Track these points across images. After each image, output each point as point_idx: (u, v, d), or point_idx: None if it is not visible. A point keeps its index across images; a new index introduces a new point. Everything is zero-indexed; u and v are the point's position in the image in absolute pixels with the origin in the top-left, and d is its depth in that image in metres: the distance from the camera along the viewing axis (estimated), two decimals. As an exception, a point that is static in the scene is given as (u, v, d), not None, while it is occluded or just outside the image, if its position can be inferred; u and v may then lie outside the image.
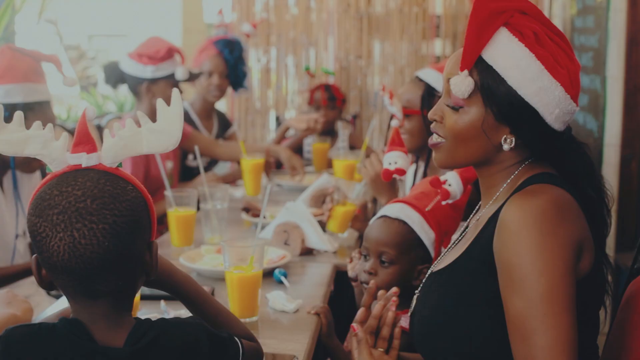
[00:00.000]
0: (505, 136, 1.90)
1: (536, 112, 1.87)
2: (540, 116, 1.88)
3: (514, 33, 1.87)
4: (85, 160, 1.60)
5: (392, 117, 3.48)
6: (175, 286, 1.88)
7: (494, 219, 1.86)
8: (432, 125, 2.00)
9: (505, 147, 1.90)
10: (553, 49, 1.89)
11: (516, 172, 1.95)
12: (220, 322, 1.87)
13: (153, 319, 1.67)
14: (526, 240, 1.73)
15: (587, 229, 1.83)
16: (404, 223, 2.60)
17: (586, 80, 5.17)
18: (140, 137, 1.63)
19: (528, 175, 1.91)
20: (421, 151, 3.46)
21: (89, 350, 1.56)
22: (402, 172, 2.95)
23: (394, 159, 2.96)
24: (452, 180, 2.57)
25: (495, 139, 1.91)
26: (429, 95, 3.34)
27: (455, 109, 1.92)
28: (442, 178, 2.58)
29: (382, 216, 2.66)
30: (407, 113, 3.32)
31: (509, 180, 1.95)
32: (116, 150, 1.62)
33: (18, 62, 3.28)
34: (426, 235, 2.58)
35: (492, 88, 1.87)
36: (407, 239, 2.58)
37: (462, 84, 1.88)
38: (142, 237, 1.62)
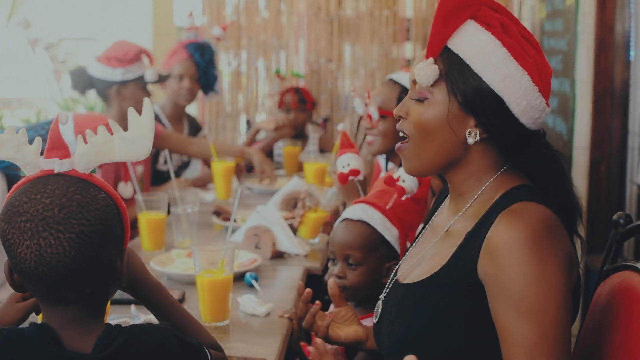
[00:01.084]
0: (469, 129, 1.86)
1: (502, 101, 1.84)
2: (507, 107, 1.84)
3: (481, 24, 1.86)
4: (58, 165, 1.59)
5: (360, 119, 3.48)
6: (144, 292, 1.86)
7: (475, 235, 1.82)
8: (398, 124, 1.96)
9: (470, 140, 1.86)
10: (520, 39, 1.87)
11: (488, 183, 1.91)
12: (187, 331, 1.86)
13: (124, 325, 1.67)
14: (525, 267, 1.70)
15: (571, 244, 1.83)
16: (366, 224, 2.61)
17: (555, 84, 5.20)
18: (113, 145, 1.63)
19: (506, 189, 1.87)
20: (393, 153, 3.45)
21: (57, 356, 1.56)
22: (356, 172, 2.95)
23: (347, 161, 2.96)
24: (405, 176, 2.58)
25: (460, 132, 1.86)
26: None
27: (421, 100, 1.89)
28: (395, 175, 2.57)
29: (344, 219, 2.67)
30: (382, 114, 3.31)
31: (480, 192, 1.92)
32: (89, 156, 1.62)
33: None
34: (389, 233, 2.58)
35: (456, 75, 1.85)
36: (371, 240, 2.59)
37: (427, 70, 1.85)
38: (112, 245, 1.61)
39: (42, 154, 1.62)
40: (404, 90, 3.30)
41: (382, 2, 6.74)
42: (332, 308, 2.43)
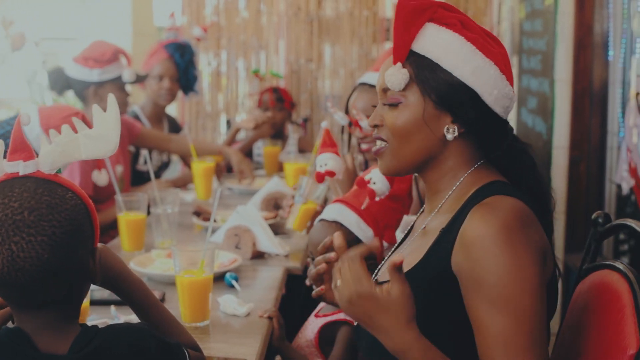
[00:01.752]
0: (447, 126, 1.88)
1: (475, 93, 1.86)
2: (480, 98, 1.87)
3: (440, 24, 1.89)
4: (22, 168, 1.58)
5: (343, 128, 3.45)
6: (126, 290, 1.86)
7: (449, 231, 1.83)
8: (374, 133, 1.97)
9: (449, 136, 1.87)
10: (481, 32, 1.91)
11: (462, 178, 1.92)
12: (167, 330, 1.86)
13: (101, 326, 1.66)
14: (499, 259, 1.71)
15: (545, 236, 1.83)
16: (341, 225, 2.61)
17: (535, 83, 5.22)
18: (78, 143, 1.62)
19: (480, 184, 1.89)
20: None
21: (32, 358, 1.55)
22: (332, 174, 2.94)
23: (325, 161, 2.95)
24: (376, 178, 2.58)
25: (438, 130, 1.88)
26: None
27: (394, 105, 1.90)
28: (366, 177, 2.57)
29: (320, 220, 2.68)
30: None
31: (454, 188, 1.93)
32: (54, 156, 1.60)
33: None
34: (363, 233, 2.59)
35: (427, 75, 1.87)
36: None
37: (397, 75, 1.87)
38: (83, 245, 1.60)
39: (5, 156, 1.61)
40: None
41: (361, 2, 6.75)
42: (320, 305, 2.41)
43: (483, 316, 1.72)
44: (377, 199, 2.56)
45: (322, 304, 2.75)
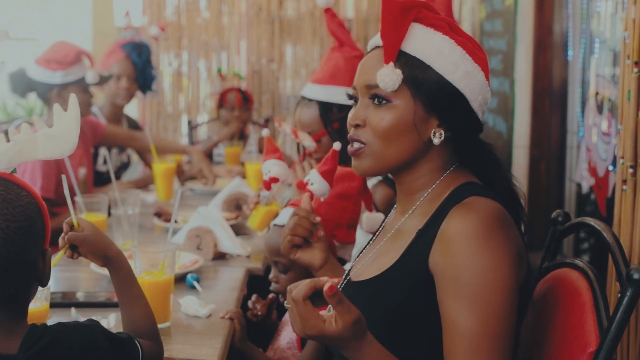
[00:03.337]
0: (434, 130, 1.86)
1: (465, 99, 1.86)
2: (468, 103, 1.87)
3: (427, 26, 1.88)
4: None
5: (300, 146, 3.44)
6: (117, 269, 1.98)
7: (427, 231, 1.82)
8: (352, 132, 1.93)
9: (436, 141, 1.86)
10: (468, 36, 1.91)
11: (438, 181, 1.92)
12: (136, 321, 1.90)
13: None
14: (475, 257, 1.70)
15: (522, 239, 1.83)
16: None
17: (495, 83, 5.25)
18: (36, 143, 1.61)
19: (455, 185, 1.88)
20: (341, 163, 3.39)
21: None
22: (276, 180, 2.93)
23: (268, 168, 2.94)
24: (314, 179, 2.58)
25: (425, 134, 1.86)
26: (326, 110, 3.27)
27: (381, 103, 1.87)
28: (305, 179, 2.57)
29: (274, 225, 2.67)
30: (317, 138, 3.26)
31: (430, 190, 1.92)
32: (11, 155, 1.59)
33: None
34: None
35: (419, 77, 1.84)
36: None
37: (391, 75, 1.83)
38: (35, 244, 1.60)
39: None
40: (321, 106, 3.26)
41: (323, 2, 6.74)
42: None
43: (452, 312, 1.72)
44: (321, 198, 2.55)
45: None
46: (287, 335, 2.66)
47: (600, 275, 1.96)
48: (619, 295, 1.75)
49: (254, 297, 2.79)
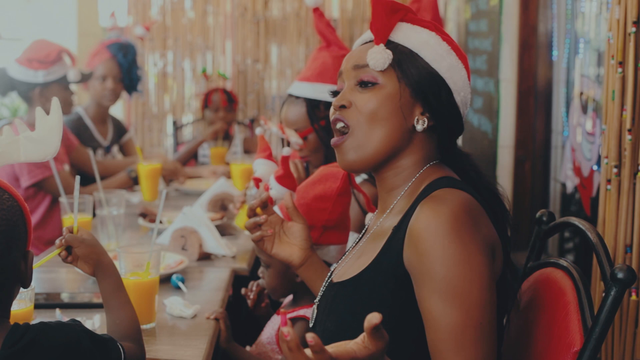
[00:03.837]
0: (417, 117, 1.88)
1: (449, 89, 1.89)
2: (452, 95, 1.90)
3: (415, 24, 1.93)
4: None
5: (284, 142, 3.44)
6: (103, 272, 1.99)
7: (400, 228, 1.82)
8: (338, 113, 1.93)
9: (419, 127, 1.87)
10: (452, 39, 1.95)
11: (417, 175, 1.92)
12: (119, 325, 1.87)
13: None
14: (447, 251, 1.69)
15: (495, 232, 1.82)
16: None
17: (480, 83, 5.26)
18: (18, 146, 1.61)
19: (429, 181, 1.88)
20: (328, 161, 3.40)
21: None
22: (259, 180, 2.94)
23: (256, 167, 2.95)
24: (272, 184, 2.62)
25: (409, 119, 1.88)
26: (313, 108, 3.28)
27: (367, 85, 1.89)
28: (268, 184, 2.60)
29: None
30: (303, 135, 3.27)
31: (407, 187, 1.92)
32: None
33: None
34: None
35: (407, 62, 1.88)
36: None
37: (382, 54, 1.87)
38: (17, 247, 1.61)
39: None
40: (308, 103, 3.27)
41: (308, 2, 6.75)
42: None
43: (433, 308, 1.70)
44: (277, 203, 2.58)
45: (286, 301, 2.76)
46: (268, 331, 2.67)
47: (585, 274, 1.96)
48: (603, 294, 1.75)
49: (252, 283, 2.83)
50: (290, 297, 2.72)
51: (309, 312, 2.55)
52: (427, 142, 1.93)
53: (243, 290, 2.82)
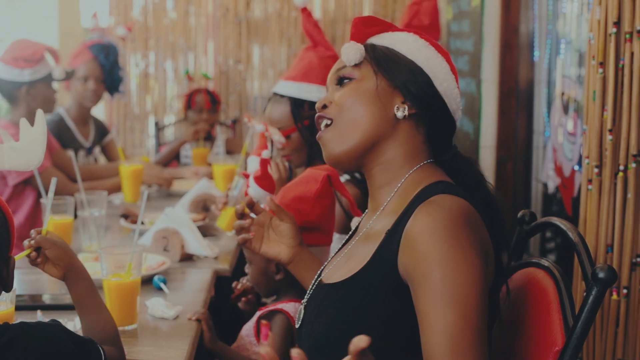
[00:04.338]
0: (397, 105, 1.89)
1: (428, 77, 1.91)
2: (432, 83, 1.91)
3: (394, 31, 2.00)
4: None
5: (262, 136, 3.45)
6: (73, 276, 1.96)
7: (395, 231, 1.81)
8: (320, 112, 1.97)
9: (399, 114, 1.88)
10: (432, 40, 1.98)
11: (407, 175, 1.91)
12: (94, 323, 1.89)
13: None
14: (445, 254, 1.68)
15: (490, 241, 1.82)
16: None
17: (462, 84, 5.27)
18: (2, 154, 1.60)
19: (425, 184, 1.87)
20: (311, 161, 3.40)
21: None
22: (247, 175, 2.95)
23: (249, 164, 2.99)
24: (251, 184, 2.67)
25: (389, 107, 1.89)
26: (297, 107, 3.29)
27: (345, 81, 1.94)
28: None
29: None
30: (286, 134, 3.27)
31: (399, 185, 1.91)
32: None
33: None
34: None
35: (383, 55, 1.92)
36: None
37: (352, 47, 1.92)
38: None
39: None
40: (293, 102, 3.28)
41: (290, 3, 6.76)
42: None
43: (429, 312, 1.69)
44: (258, 201, 2.60)
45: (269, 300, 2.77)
46: (248, 325, 2.68)
47: (566, 274, 1.97)
48: (585, 294, 1.76)
49: (243, 278, 2.87)
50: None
51: (288, 306, 2.57)
52: (413, 133, 1.92)
53: (234, 283, 2.83)
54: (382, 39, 1.96)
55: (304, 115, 3.25)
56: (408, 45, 1.93)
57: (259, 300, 2.86)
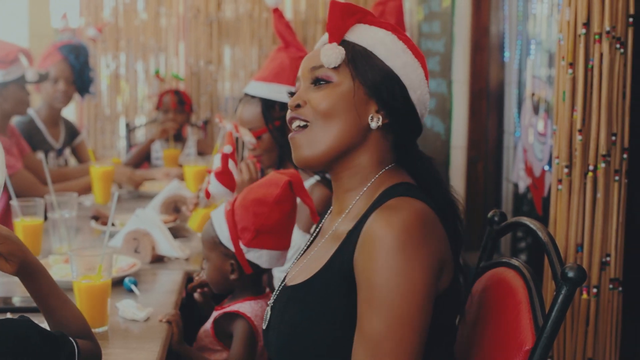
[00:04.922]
0: (372, 114, 1.88)
1: (404, 86, 1.89)
2: (407, 92, 1.89)
3: (371, 25, 1.95)
4: None
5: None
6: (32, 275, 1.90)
7: (354, 233, 1.82)
8: (294, 112, 1.94)
9: (373, 124, 1.87)
10: (409, 40, 1.96)
11: (373, 180, 1.91)
12: (62, 318, 1.90)
13: None
14: (390, 262, 1.69)
15: (448, 244, 1.82)
16: (211, 224, 2.64)
17: (433, 84, 5.28)
18: None
19: (386, 186, 1.88)
20: (282, 162, 3.39)
21: None
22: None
23: (214, 162, 3.00)
24: (211, 180, 2.67)
25: (364, 116, 1.88)
26: (268, 107, 3.29)
27: (321, 83, 1.91)
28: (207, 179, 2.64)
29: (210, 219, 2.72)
30: (257, 135, 3.27)
31: (365, 189, 1.92)
32: None
33: None
34: (222, 233, 2.59)
35: (361, 60, 1.89)
36: (211, 237, 2.62)
37: (333, 50, 1.88)
38: None
39: None
40: (264, 103, 3.28)
41: (261, 4, 6.76)
42: None
43: (361, 314, 1.72)
44: (223, 200, 2.61)
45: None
46: (205, 326, 2.68)
47: (537, 274, 1.98)
48: (555, 293, 1.77)
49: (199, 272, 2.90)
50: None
51: (245, 306, 2.59)
52: (383, 141, 1.92)
53: (194, 273, 2.89)
54: (361, 37, 1.92)
55: (275, 116, 3.25)
56: (387, 48, 1.90)
57: (214, 296, 2.86)
